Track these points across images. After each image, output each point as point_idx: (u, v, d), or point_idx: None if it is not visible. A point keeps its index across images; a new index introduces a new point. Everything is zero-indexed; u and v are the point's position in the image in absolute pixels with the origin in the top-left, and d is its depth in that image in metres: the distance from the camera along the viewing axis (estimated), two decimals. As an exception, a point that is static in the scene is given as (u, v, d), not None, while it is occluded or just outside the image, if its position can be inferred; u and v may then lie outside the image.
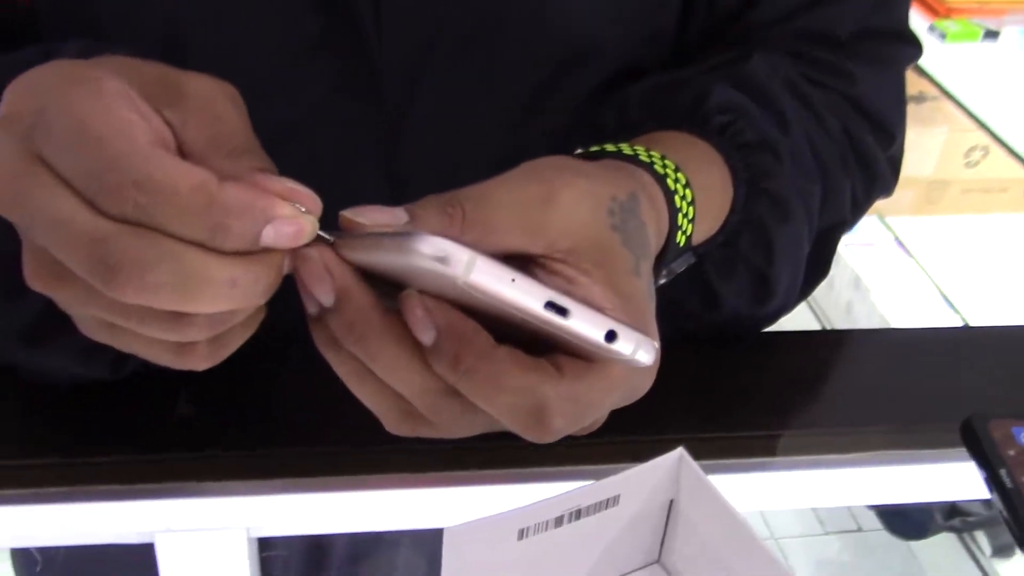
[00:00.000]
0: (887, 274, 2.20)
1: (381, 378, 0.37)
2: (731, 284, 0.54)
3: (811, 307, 2.38)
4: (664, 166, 0.46)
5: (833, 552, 2.18)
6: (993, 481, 0.51)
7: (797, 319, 0.58)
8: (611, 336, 0.34)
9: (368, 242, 0.35)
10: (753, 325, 0.58)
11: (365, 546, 0.68)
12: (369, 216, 0.36)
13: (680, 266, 0.49)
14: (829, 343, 0.63)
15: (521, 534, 0.43)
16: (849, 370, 0.60)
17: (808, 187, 0.54)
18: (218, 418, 0.55)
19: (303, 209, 0.35)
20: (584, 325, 0.34)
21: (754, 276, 0.54)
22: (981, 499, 0.52)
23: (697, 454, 0.46)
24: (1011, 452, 0.51)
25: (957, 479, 0.55)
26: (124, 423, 0.54)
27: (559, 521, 0.43)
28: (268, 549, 0.60)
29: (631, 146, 0.47)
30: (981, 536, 1.94)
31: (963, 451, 0.53)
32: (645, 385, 0.40)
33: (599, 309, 0.36)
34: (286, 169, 0.54)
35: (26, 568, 0.74)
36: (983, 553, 1.89)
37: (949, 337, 0.66)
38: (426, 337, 0.35)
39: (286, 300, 0.37)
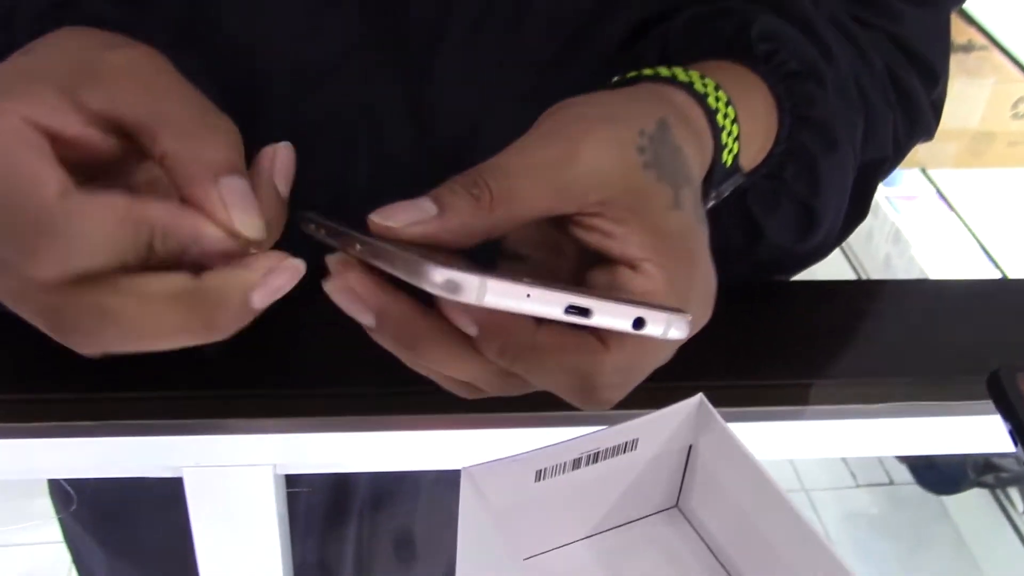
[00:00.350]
0: (928, 228, 2.17)
1: (439, 371, 0.38)
2: (776, 217, 0.52)
3: (849, 260, 2.36)
4: (704, 85, 0.44)
5: (863, 505, 2.18)
6: (1018, 433, 0.50)
7: (834, 271, 0.57)
8: (639, 323, 0.34)
9: (384, 259, 0.34)
10: (794, 264, 0.57)
11: (388, 485, 0.68)
12: (397, 218, 0.35)
13: (729, 188, 0.48)
14: (858, 293, 0.62)
15: (539, 475, 0.43)
16: (877, 320, 0.59)
17: (852, 118, 0.53)
18: (247, 357, 0.55)
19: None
20: (608, 320, 0.34)
21: (799, 208, 0.52)
22: (1014, 454, 0.52)
23: (721, 402, 0.46)
24: (1038, 405, 0.51)
25: (984, 432, 0.55)
26: (155, 360, 0.55)
27: (577, 464, 0.44)
28: (293, 486, 0.61)
29: (669, 68, 0.46)
30: (1014, 492, 1.93)
31: (991, 403, 0.52)
32: (704, 310, 0.40)
33: (623, 297, 0.35)
34: (314, 114, 0.54)
35: (63, 504, 0.76)
36: (1015, 509, 1.88)
37: (983, 289, 0.65)
38: (471, 330, 0.35)
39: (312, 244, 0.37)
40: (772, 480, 0.42)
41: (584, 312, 0.33)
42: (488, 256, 0.40)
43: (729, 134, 0.45)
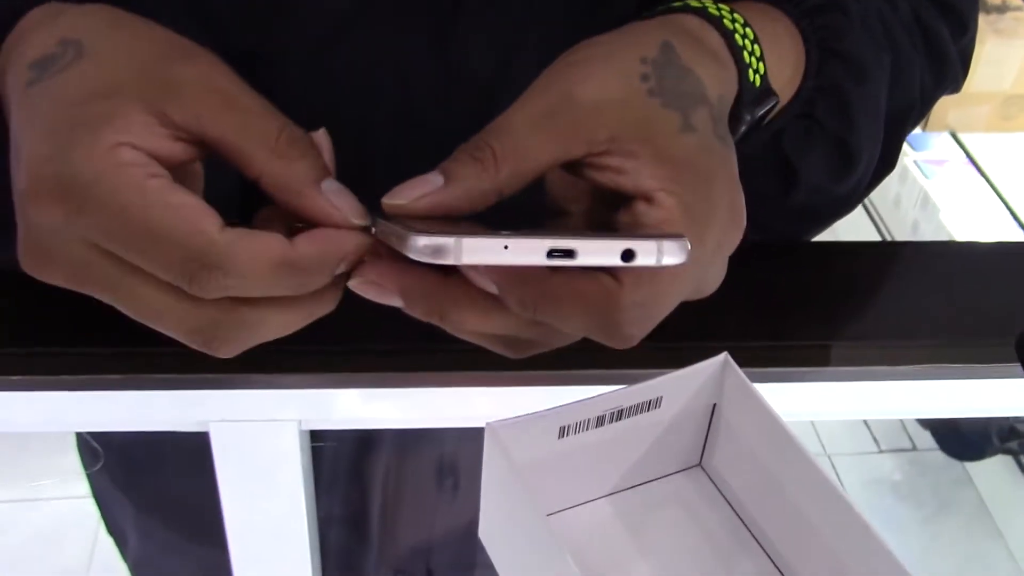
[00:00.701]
0: (957, 193, 2.15)
1: (479, 333, 0.39)
2: (810, 158, 0.51)
3: (876, 226, 2.34)
4: (718, 9, 0.44)
5: (886, 471, 2.17)
6: (1045, 397, 0.50)
7: (862, 236, 0.57)
8: (628, 256, 0.33)
9: (390, 238, 0.35)
10: (831, 210, 0.56)
11: (412, 442, 0.69)
12: (405, 195, 0.37)
13: (763, 108, 0.46)
14: (883, 254, 0.62)
15: (562, 432, 0.43)
16: (901, 281, 0.59)
17: (880, 55, 0.52)
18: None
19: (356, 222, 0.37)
20: (595, 258, 0.33)
21: (834, 145, 0.51)
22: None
23: (745, 361, 0.46)
24: (1065, 368, 0.51)
25: (1010, 395, 0.55)
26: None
27: (600, 421, 0.44)
28: (318, 440, 0.61)
29: (683, 1, 0.45)
30: (1039, 459, 1.93)
31: (1016, 367, 0.52)
32: (716, 276, 0.40)
33: (609, 233, 0.35)
34: (338, 64, 0.54)
35: (91, 460, 0.77)
36: (1040, 476, 1.87)
37: (1009, 251, 0.64)
38: (491, 288, 0.36)
39: None
40: (796, 439, 0.42)
41: (569, 254, 0.33)
42: (533, 217, 0.41)
43: (751, 54, 0.44)
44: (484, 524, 0.46)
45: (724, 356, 0.45)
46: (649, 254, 0.33)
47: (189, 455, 0.64)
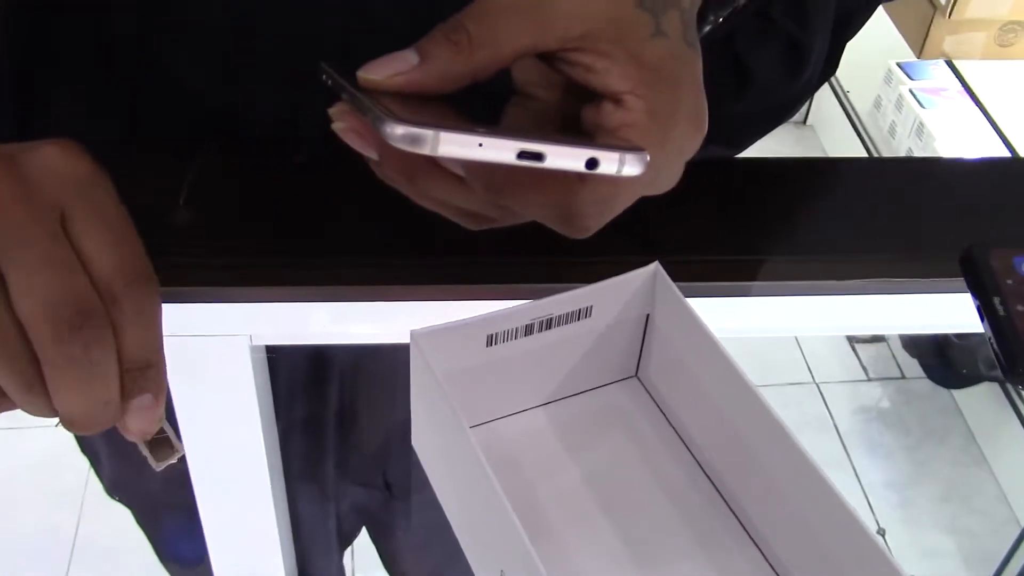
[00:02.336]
0: (953, 122, 2.12)
1: (443, 202, 0.40)
2: (764, 56, 0.52)
3: (871, 155, 2.32)
4: None
5: (875, 399, 2.19)
6: (985, 310, 0.50)
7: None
8: (591, 164, 0.35)
9: (365, 113, 0.36)
10: (782, 108, 0.56)
11: (364, 358, 0.69)
12: (380, 71, 0.37)
13: (725, 10, 0.47)
14: (836, 170, 0.61)
15: (490, 340, 0.43)
16: (851, 198, 0.58)
17: None
18: (221, 227, 0.55)
19: None
20: (561, 162, 0.35)
21: (787, 44, 0.52)
22: (982, 333, 0.51)
23: (684, 276, 0.46)
24: (1009, 281, 0.50)
25: (952, 311, 0.55)
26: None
27: (529, 329, 0.44)
28: (271, 352, 0.62)
29: None
30: (1024, 387, 1.93)
31: (960, 282, 0.52)
32: (673, 176, 0.41)
33: (577, 138, 0.37)
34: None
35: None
36: (1024, 403, 1.88)
37: (966, 169, 0.64)
38: (458, 171, 0.37)
39: (291, 118, 0.38)
40: (725, 350, 0.42)
41: (537, 156, 0.35)
42: (502, 98, 0.42)
43: None
44: (415, 432, 0.47)
45: (655, 266, 0.45)
46: (611, 164, 0.36)
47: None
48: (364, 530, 0.97)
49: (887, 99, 2.24)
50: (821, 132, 2.86)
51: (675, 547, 0.44)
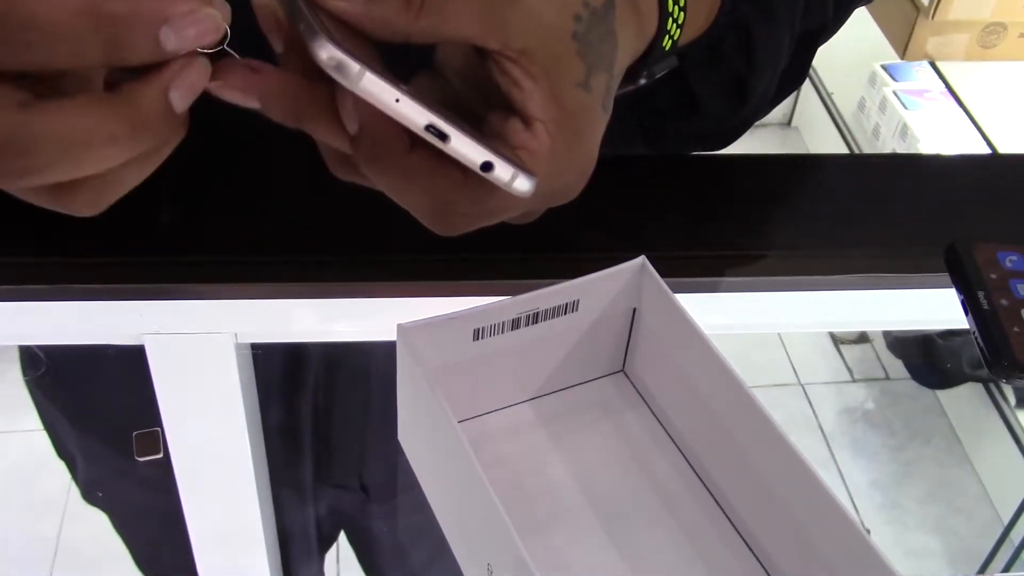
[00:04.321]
0: (936, 123, 2.13)
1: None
2: (710, 86, 0.53)
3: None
4: None
5: (859, 399, 2.20)
6: (970, 304, 0.50)
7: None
8: (487, 166, 0.36)
9: (300, 22, 0.35)
10: (723, 136, 0.57)
11: (338, 359, 0.69)
12: None
13: (661, 70, 0.49)
14: (822, 166, 0.62)
15: (476, 334, 0.43)
16: (838, 193, 0.59)
17: None
18: (207, 223, 0.55)
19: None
20: (462, 149, 0.36)
21: (733, 79, 0.53)
22: (967, 328, 0.52)
23: (670, 271, 0.46)
24: (992, 275, 0.51)
25: (937, 307, 0.55)
26: (116, 225, 0.55)
27: (516, 324, 0.44)
28: (259, 349, 0.61)
29: None
30: (1007, 386, 1.94)
31: (945, 277, 0.52)
32: (534, 214, 0.42)
33: (485, 140, 0.37)
34: None
35: (34, 369, 0.77)
36: (1007, 403, 1.89)
37: (949, 164, 0.64)
38: (350, 126, 0.37)
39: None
40: (713, 345, 0.42)
41: (442, 136, 0.35)
42: (414, 67, 0.42)
43: (675, 21, 0.45)
44: (401, 427, 0.46)
45: (641, 260, 0.45)
46: (505, 173, 0.36)
47: (124, 374, 0.64)
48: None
49: (871, 101, 2.25)
50: (806, 134, 2.87)
51: (662, 541, 0.44)
